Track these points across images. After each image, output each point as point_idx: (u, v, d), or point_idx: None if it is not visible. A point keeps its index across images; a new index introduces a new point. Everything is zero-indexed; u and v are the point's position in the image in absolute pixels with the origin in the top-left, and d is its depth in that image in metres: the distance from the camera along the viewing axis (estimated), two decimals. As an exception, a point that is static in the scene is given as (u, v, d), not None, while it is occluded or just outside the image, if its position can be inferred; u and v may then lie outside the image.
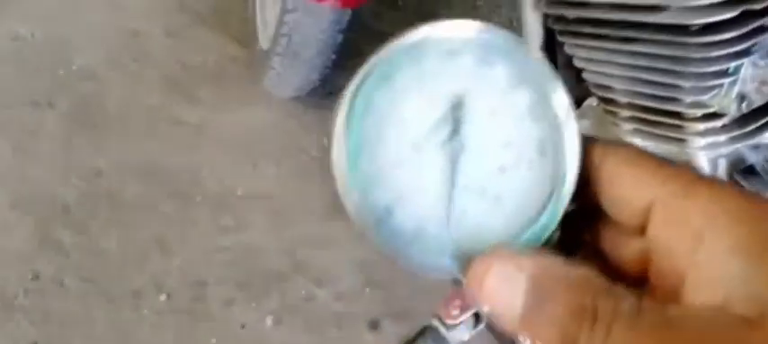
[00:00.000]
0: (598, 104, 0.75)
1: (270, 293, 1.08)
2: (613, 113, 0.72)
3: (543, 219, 0.27)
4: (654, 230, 0.26)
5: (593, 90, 0.73)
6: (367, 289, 1.10)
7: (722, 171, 0.70)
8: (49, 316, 1.00)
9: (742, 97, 0.67)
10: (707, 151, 0.69)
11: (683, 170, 0.26)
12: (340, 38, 1.06)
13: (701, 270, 0.24)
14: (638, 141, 0.71)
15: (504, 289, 0.24)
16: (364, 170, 0.26)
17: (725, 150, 0.69)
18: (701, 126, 0.67)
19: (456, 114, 0.26)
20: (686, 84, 0.64)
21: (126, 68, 1.24)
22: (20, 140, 1.14)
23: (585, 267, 0.25)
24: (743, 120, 0.67)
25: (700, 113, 0.66)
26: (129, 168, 1.13)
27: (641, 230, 0.26)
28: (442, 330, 0.62)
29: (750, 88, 0.66)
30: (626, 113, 0.71)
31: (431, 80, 0.26)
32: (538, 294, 0.24)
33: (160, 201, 1.12)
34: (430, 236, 0.26)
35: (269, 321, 1.05)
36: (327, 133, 0.84)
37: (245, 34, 1.27)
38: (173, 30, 1.30)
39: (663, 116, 0.68)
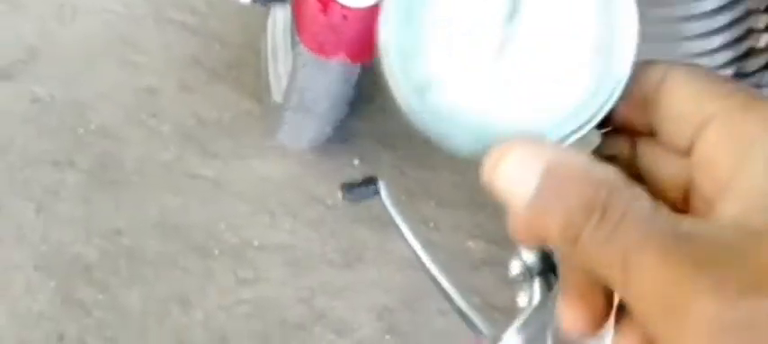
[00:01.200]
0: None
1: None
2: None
3: (583, 117, 0.26)
4: (704, 144, 0.25)
5: None
6: (387, 336, 1.10)
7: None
8: (74, 377, 1.01)
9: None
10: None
11: (746, 88, 0.25)
12: (352, 92, 1.08)
13: (739, 182, 0.24)
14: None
15: (518, 172, 0.24)
16: (410, 37, 0.25)
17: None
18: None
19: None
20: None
21: (143, 125, 1.27)
22: (42, 201, 1.16)
23: (609, 166, 0.24)
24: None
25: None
26: (147, 225, 1.15)
27: (689, 151, 0.26)
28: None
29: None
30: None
31: None
32: (552, 181, 0.23)
33: (179, 256, 1.13)
34: (469, 117, 0.25)
35: (291, 373, 1.06)
36: (340, 183, 0.85)
37: (258, 88, 1.30)
38: (187, 85, 1.33)
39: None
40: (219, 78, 1.33)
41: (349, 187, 0.87)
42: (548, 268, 0.67)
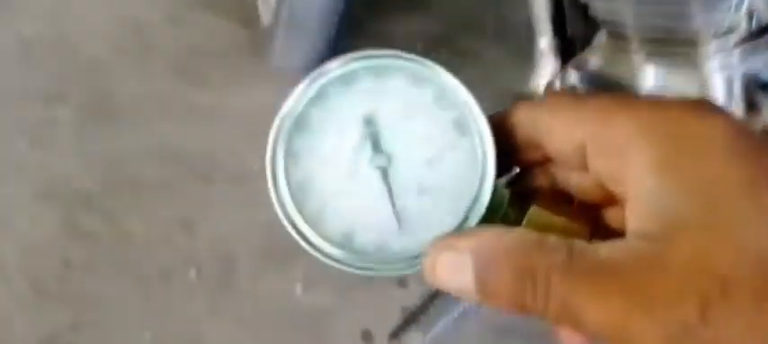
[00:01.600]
0: (608, 39, 0.76)
1: (296, 261, 1.10)
2: (624, 46, 0.73)
3: (484, 192, 0.28)
4: (592, 164, 0.27)
5: (602, 24, 0.74)
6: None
7: (738, 92, 0.72)
8: (84, 300, 1.01)
9: (751, 13, 0.68)
10: (720, 72, 0.70)
11: (603, 101, 0.27)
12: (342, 5, 1.07)
13: (629, 193, 0.25)
14: (651, 70, 0.73)
15: (455, 274, 0.26)
16: (312, 210, 0.29)
17: (738, 70, 0.70)
18: (713, 46, 0.68)
19: (371, 131, 0.29)
20: (696, 4, 0.65)
21: (132, 58, 1.25)
22: (36, 134, 1.15)
23: (519, 229, 0.26)
24: (753, 36, 0.68)
25: (710, 32, 0.67)
26: (146, 154, 1.14)
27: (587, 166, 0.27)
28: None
29: (758, 3, 0.68)
30: (637, 42, 0.72)
31: (337, 113, 0.29)
32: (483, 267, 0.25)
33: (180, 182, 1.13)
34: (391, 246, 0.29)
35: (298, 288, 1.07)
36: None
37: (246, 14, 1.28)
38: (174, 16, 1.31)
39: (674, 41, 0.69)
40: (206, 7, 1.31)
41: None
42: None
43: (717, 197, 0.23)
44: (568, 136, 0.27)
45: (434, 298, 0.56)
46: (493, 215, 0.28)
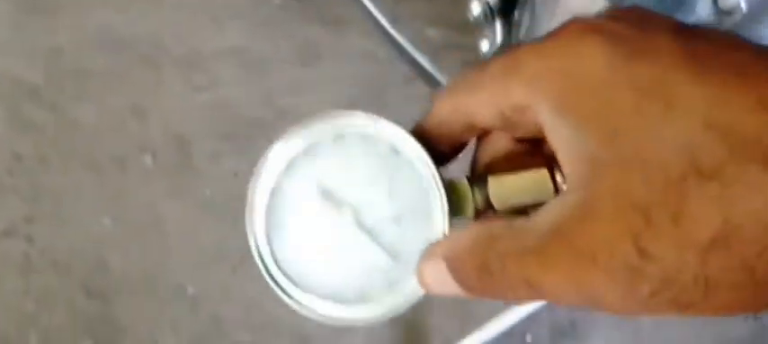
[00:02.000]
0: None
1: (256, 141, 1.08)
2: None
3: (442, 197, 0.30)
4: (520, 126, 0.27)
5: None
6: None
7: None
8: (38, 191, 0.99)
9: None
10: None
11: (496, 67, 0.26)
12: None
13: (552, 146, 0.25)
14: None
15: (439, 280, 0.27)
16: (294, 274, 0.30)
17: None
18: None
19: (332, 198, 0.30)
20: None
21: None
22: (-31, 31, 1.10)
23: (474, 226, 0.27)
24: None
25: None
26: (88, 42, 1.10)
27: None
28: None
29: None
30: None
31: (305, 182, 0.30)
32: (454, 271, 0.27)
33: (127, 69, 1.09)
34: (375, 294, 0.30)
35: (259, 165, 1.06)
36: None
37: None
38: None
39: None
40: None
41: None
42: (509, 8, 0.64)
43: (611, 124, 0.22)
44: (488, 110, 0.27)
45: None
46: (463, 209, 0.30)
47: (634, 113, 0.22)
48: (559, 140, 0.24)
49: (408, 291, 0.29)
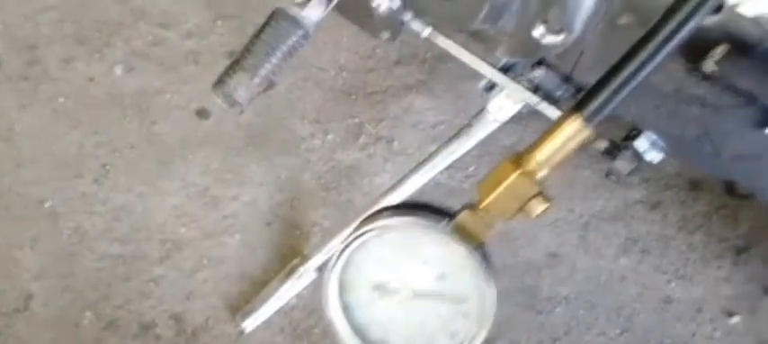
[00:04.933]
0: None
1: (112, 43, 1.00)
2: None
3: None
4: None
5: None
6: (219, 22, 1.04)
7: None
8: None
9: None
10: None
11: None
12: None
13: None
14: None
15: None
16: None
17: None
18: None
19: (388, 288, 0.42)
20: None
21: None
22: None
23: None
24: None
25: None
26: None
27: None
28: (294, 9, 0.58)
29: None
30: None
31: (356, 294, 0.43)
32: None
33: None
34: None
35: (118, 70, 0.99)
36: None
37: None
38: None
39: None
40: None
41: None
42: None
43: None
44: None
45: (258, 37, 0.52)
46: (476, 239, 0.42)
47: None
48: None
49: (464, 334, 0.43)
